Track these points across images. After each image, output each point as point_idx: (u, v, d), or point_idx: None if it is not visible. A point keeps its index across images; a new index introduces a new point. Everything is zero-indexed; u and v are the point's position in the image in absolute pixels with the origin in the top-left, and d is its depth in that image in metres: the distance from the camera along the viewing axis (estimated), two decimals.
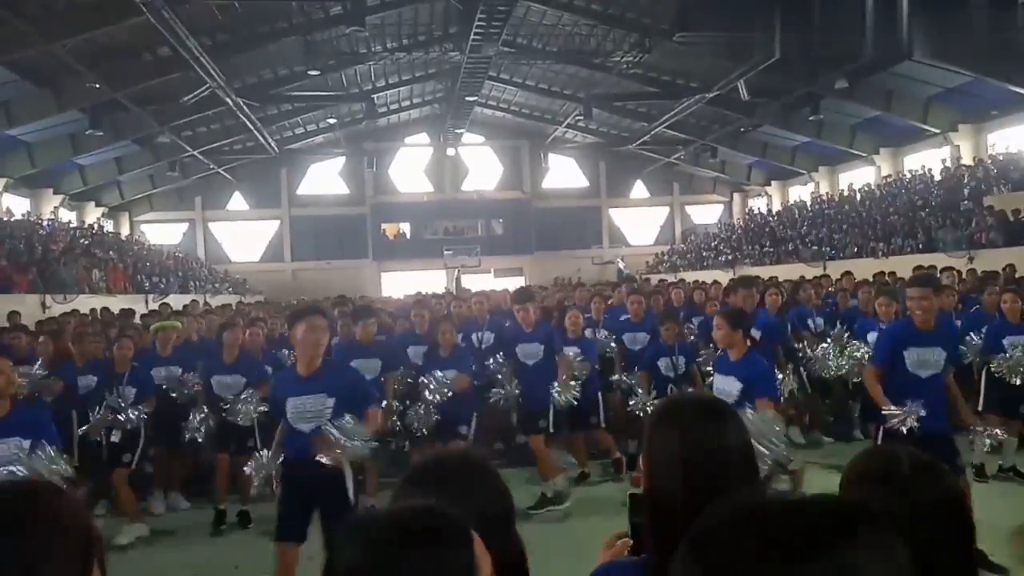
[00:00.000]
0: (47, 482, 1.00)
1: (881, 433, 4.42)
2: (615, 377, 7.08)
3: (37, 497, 0.91)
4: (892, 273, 11.95)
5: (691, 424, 1.44)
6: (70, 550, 0.89)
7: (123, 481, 5.89)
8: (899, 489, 1.33)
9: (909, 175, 22.88)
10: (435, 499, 1.24)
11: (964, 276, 10.06)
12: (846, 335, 6.81)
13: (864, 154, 25.64)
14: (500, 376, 6.49)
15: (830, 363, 6.51)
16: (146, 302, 17.82)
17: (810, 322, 8.01)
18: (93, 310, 12.37)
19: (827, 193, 27.43)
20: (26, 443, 3.71)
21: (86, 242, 21.72)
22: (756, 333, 6.01)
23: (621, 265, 30.98)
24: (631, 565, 1.50)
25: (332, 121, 28.55)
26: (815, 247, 21.82)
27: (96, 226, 25.75)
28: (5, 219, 19.33)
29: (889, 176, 24.24)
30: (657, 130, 26.26)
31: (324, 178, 34.60)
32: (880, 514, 0.77)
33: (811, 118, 22.68)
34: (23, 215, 21.05)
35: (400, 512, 0.96)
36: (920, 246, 17.26)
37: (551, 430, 6.29)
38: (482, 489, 1.32)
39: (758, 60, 17.43)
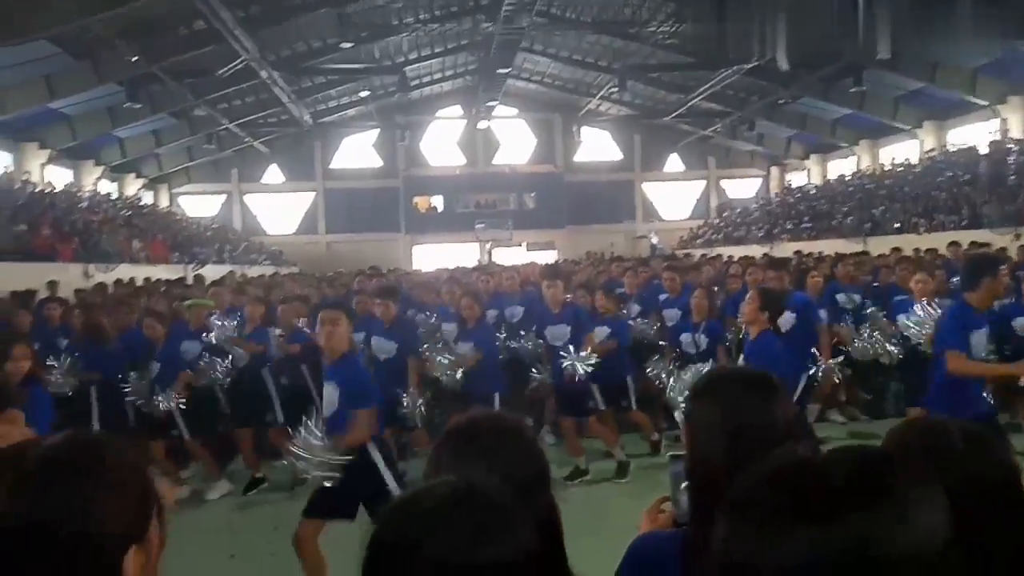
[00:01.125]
0: (110, 435, 1.05)
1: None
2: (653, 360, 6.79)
3: (101, 448, 0.95)
4: (933, 249, 11.66)
5: (734, 396, 1.42)
6: (128, 503, 0.92)
7: (160, 453, 6.02)
8: (949, 464, 1.20)
9: (954, 148, 22.19)
10: (469, 460, 1.26)
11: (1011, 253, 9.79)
12: (881, 314, 6.66)
13: (907, 127, 24.91)
14: (536, 360, 6.47)
15: (875, 349, 6.35)
16: (185, 273, 18.18)
17: (840, 297, 7.67)
18: (132, 279, 12.63)
19: (868, 167, 26.77)
20: None
21: (127, 213, 22.16)
22: (791, 316, 5.92)
23: (654, 240, 30.70)
24: (670, 536, 1.50)
25: (365, 94, 28.56)
26: (855, 222, 21.36)
27: (136, 197, 26.26)
28: (48, 191, 19.77)
29: (932, 150, 23.54)
30: (693, 102, 25.77)
31: (357, 151, 34.74)
32: (915, 462, 0.76)
33: (852, 90, 22.07)
34: (65, 186, 21.51)
35: (440, 487, 0.98)
36: (964, 222, 16.79)
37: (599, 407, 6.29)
38: (515, 450, 1.33)
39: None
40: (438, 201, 35.25)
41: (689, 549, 1.37)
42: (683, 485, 1.50)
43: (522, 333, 7.08)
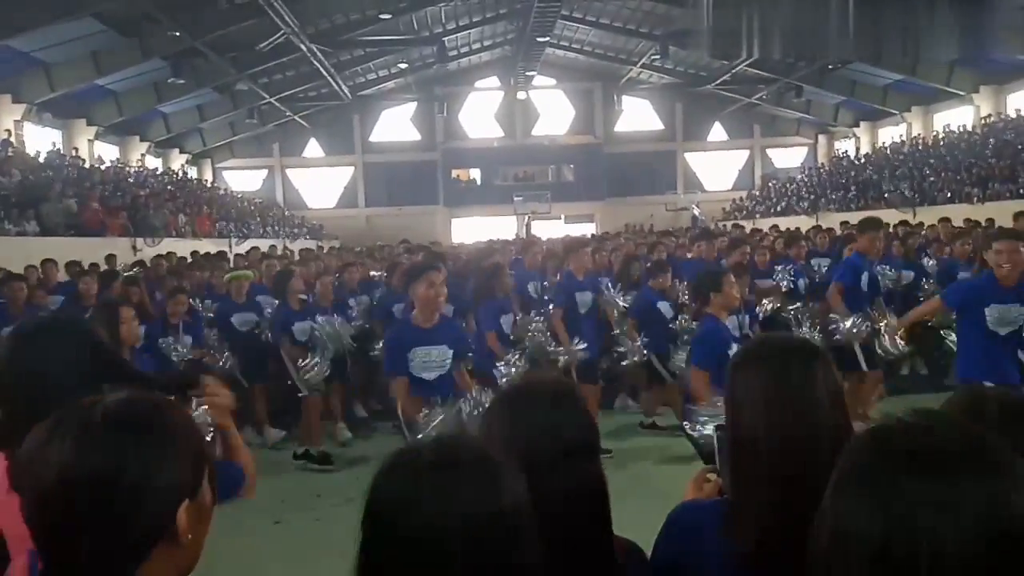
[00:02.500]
0: (168, 399, 1.13)
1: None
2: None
3: (161, 409, 1.01)
4: (990, 220, 11.24)
5: (778, 365, 1.38)
6: (183, 460, 0.98)
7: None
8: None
9: (1014, 115, 21.27)
10: (521, 421, 1.28)
11: None
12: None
13: (962, 92, 23.94)
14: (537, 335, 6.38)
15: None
16: (229, 246, 18.51)
17: (883, 269, 7.15)
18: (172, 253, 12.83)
19: (920, 135, 25.85)
20: None
21: (172, 188, 22.61)
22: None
23: (696, 212, 30.20)
24: (709, 504, 1.50)
25: (403, 66, 28.51)
26: (905, 192, 20.70)
27: (181, 172, 26.75)
28: (97, 166, 20.25)
29: (989, 116, 22.60)
30: (738, 69, 25.11)
31: (396, 124, 34.78)
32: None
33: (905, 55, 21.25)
34: (112, 162, 22.00)
35: (432, 444, 1.04)
36: (1021, 191, 16.14)
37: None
38: (568, 416, 1.34)
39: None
40: (476, 174, 35.20)
41: (728, 518, 1.35)
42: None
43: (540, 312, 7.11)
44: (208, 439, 1.76)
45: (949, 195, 18.50)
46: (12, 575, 1.36)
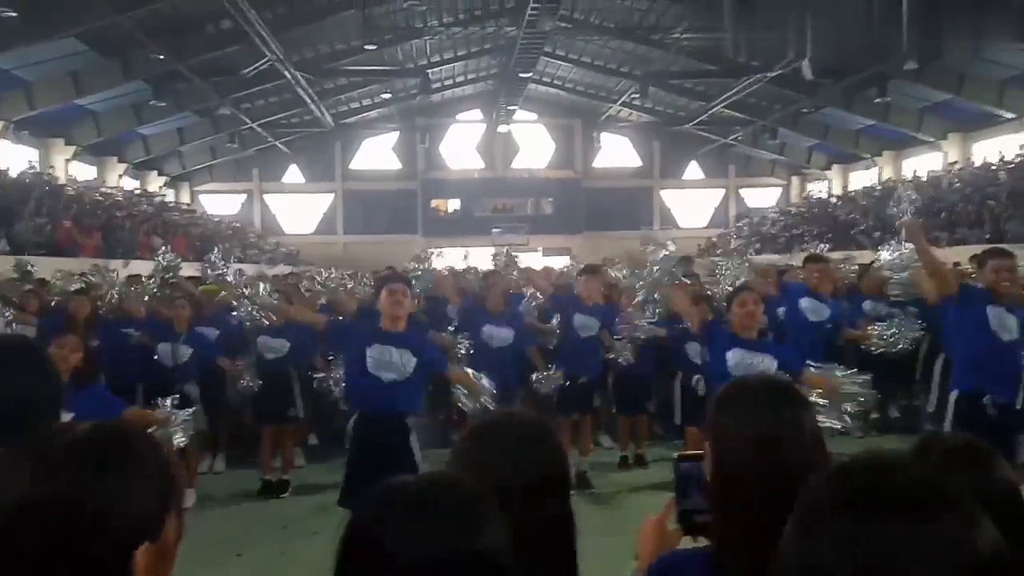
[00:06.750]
0: (137, 426, 1.07)
1: (952, 409, 4.28)
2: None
3: (128, 438, 0.96)
4: (956, 263, 11.49)
5: (765, 406, 1.38)
6: (150, 492, 0.93)
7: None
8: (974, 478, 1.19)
9: (980, 162, 21.89)
10: (491, 458, 1.27)
11: None
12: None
13: (931, 139, 24.61)
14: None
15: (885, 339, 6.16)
16: (203, 272, 18.27)
17: (867, 305, 7.51)
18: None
19: (891, 178, 26.46)
20: None
21: (149, 209, 22.38)
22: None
23: (672, 248, 30.43)
24: (696, 555, 1.45)
25: (387, 96, 28.67)
26: (877, 233, 21.10)
27: (159, 194, 26.50)
28: (70, 185, 20.01)
29: (956, 163, 23.24)
30: (714, 110, 25.64)
31: (377, 153, 34.87)
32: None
33: (877, 100, 21.85)
34: (87, 182, 21.76)
35: (416, 481, 1.01)
36: (987, 236, 16.56)
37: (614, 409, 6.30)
38: (537, 453, 1.33)
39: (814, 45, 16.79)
40: (455, 204, 35.30)
41: (718, 565, 1.33)
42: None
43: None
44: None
45: None
46: None
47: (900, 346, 6.28)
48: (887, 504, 0.73)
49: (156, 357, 6.06)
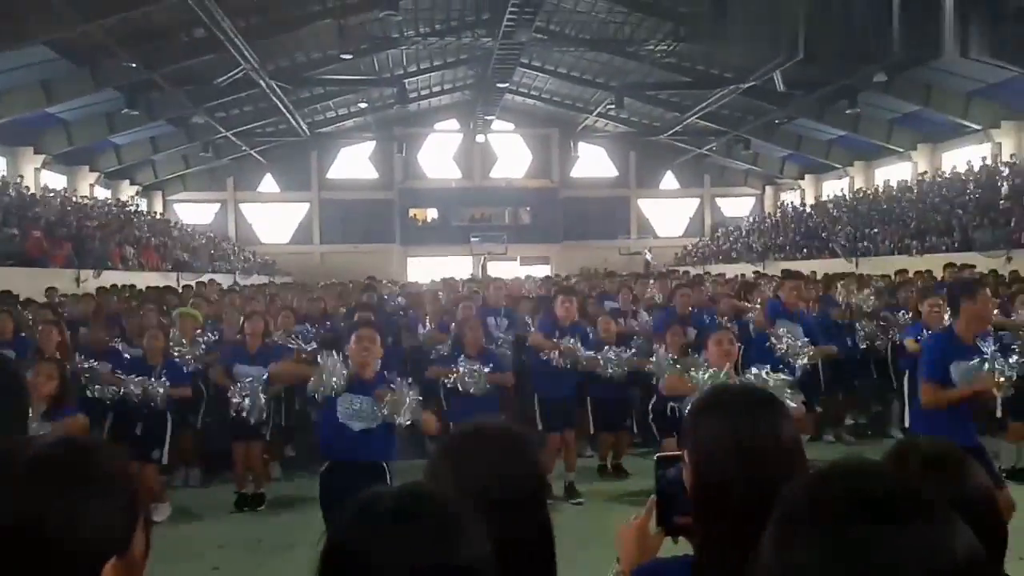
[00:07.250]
0: (101, 441, 1.02)
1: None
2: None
3: (92, 453, 0.94)
4: (929, 271, 11.70)
5: (743, 414, 1.38)
6: (115, 506, 0.91)
7: (153, 476, 5.69)
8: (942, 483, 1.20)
9: (948, 172, 22.37)
10: (467, 469, 1.26)
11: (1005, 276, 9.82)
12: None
13: (901, 149, 25.12)
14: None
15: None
16: (177, 280, 18.09)
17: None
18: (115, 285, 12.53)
19: (861, 189, 26.94)
20: None
21: (120, 219, 22.09)
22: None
23: (648, 256, 30.76)
24: (677, 566, 1.43)
25: (363, 105, 28.64)
26: (849, 243, 21.45)
27: (131, 204, 26.17)
28: (41, 195, 19.69)
29: (925, 173, 23.73)
30: (689, 121, 25.93)
31: (354, 162, 34.78)
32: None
33: (848, 111, 22.25)
34: (57, 191, 21.43)
35: (394, 494, 1.00)
36: (956, 244, 16.90)
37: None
38: (515, 465, 1.32)
39: (788, 56, 17.05)
40: (433, 214, 35.27)
41: (698, 572, 1.33)
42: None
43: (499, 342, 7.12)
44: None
45: (890, 246, 19.26)
46: None
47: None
48: (865, 511, 0.73)
49: (124, 394, 5.70)
